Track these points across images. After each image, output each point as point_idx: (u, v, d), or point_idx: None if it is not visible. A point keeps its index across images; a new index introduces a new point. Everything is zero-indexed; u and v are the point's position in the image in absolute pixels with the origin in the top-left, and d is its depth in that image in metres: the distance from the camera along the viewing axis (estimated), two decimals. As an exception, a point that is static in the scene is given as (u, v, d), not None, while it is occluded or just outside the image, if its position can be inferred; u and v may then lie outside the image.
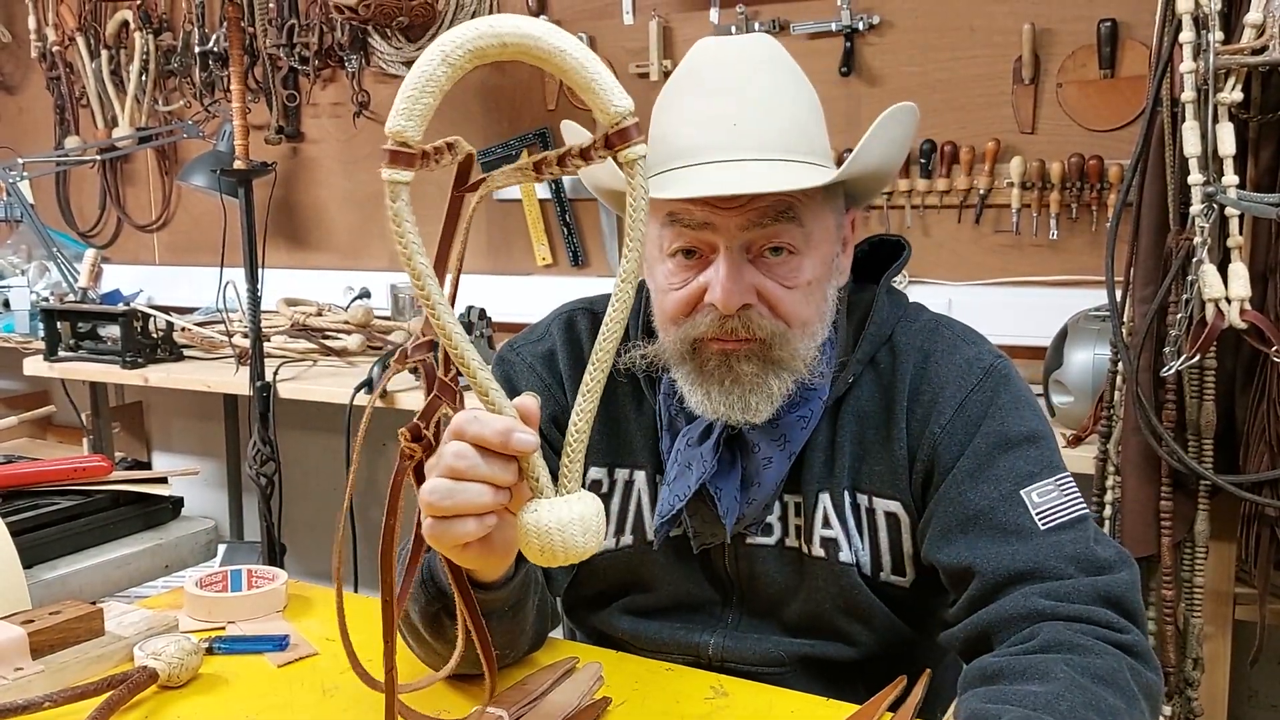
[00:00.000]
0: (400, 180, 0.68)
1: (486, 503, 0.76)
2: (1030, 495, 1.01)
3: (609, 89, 0.69)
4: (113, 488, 1.58)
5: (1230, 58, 1.46)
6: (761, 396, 1.03)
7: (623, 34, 2.58)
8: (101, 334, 2.79)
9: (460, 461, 0.75)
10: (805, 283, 1.03)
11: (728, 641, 1.12)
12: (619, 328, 0.74)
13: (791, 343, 1.03)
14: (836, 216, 1.08)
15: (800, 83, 1.07)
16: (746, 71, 1.03)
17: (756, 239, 1.01)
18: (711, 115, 1.02)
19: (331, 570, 0.85)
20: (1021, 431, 1.04)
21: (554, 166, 0.72)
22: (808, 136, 1.04)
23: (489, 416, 0.75)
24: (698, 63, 1.07)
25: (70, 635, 1.09)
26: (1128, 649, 0.92)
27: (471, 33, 0.67)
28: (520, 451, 0.74)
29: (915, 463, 1.07)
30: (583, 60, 0.69)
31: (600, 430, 1.16)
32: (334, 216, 3.12)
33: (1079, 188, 2.11)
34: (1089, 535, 1.00)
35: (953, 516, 1.02)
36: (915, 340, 1.11)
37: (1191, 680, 1.65)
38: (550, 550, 0.73)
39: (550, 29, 0.69)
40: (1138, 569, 1.01)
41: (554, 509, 0.73)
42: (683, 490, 1.08)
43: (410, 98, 0.68)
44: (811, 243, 1.03)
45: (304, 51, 2.96)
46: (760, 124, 1.01)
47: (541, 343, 1.19)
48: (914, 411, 1.07)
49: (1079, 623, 0.93)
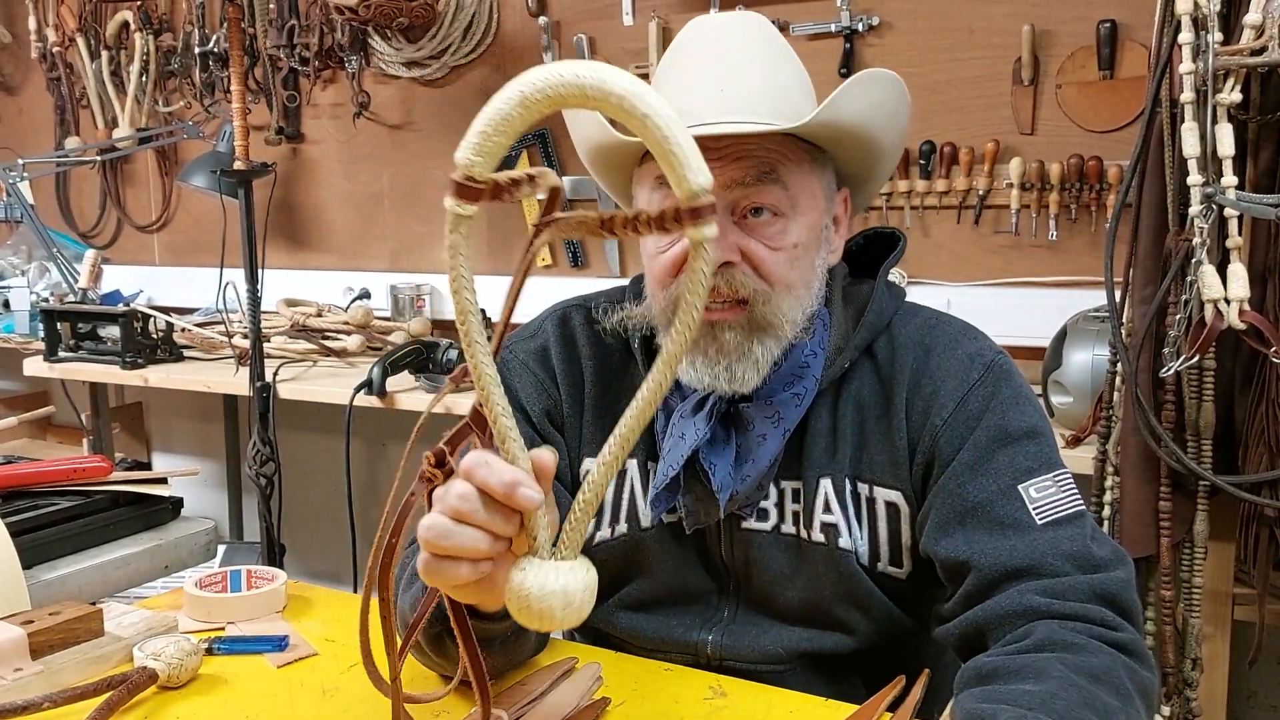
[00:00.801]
0: (463, 214, 0.67)
1: (482, 550, 0.74)
2: (1028, 490, 1.01)
3: (690, 163, 0.65)
4: (112, 488, 1.58)
5: (1229, 59, 1.46)
6: (748, 364, 1.04)
7: (623, 34, 2.59)
8: (101, 334, 2.80)
9: (463, 504, 0.74)
10: (791, 245, 1.04)
11: (726, 639, 1.12)
12: (650, 409, 0.71)
13: (774, 301, 1.04)
14: (825, 186, 1.09)
15: (787, 53, 1.10)
16: (730, 43, 1.06)
17: (739, 198, 1.03)
18: (698, 83, 1.04)
19: (361, 595, 0.84)
20: (1022, 427, 1.05)
21: (620, 227, 0.68)
22: (791, 100, 1.05)
23: (499, 465, 0.73)
24: (687, 38, 1.10)
25: (70, 636, 1.09)
26: (1123, 647, 0.93)
27: (553, 78, 0.64)
28: (522, 508, 0.73)
29: (916, 454, 1.07)
30: (667, 128, 0.64)
31: (593, 422, 1.17)
32: (334, 217, 3.12)
33: (1078, 188, 2.11)
34: (1086, 532, 1.00)
35: (951, 509, 1.03)
36: (916, 334, 1.11)
37: (1190, 681, 1.65)
38: (526, 614, 0.72)
39: (637, 88, 0.64)
40: (1134, 567, 1.01)
41: (541, 574, 0.72)
42: (676, 460, 1.08)
43: (483, 134, 0.65)
44: (798, 207, 1.05)
45: (304, 52, 2.96)
46: (746, 87, 1.03)
47: (534, 339, 1.20)
48: (914, 404, 1.08)
49: (1074, 620, 0.93)
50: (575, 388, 1.18)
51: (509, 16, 2.76)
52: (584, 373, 1.18)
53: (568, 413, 1.18)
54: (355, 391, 2.27)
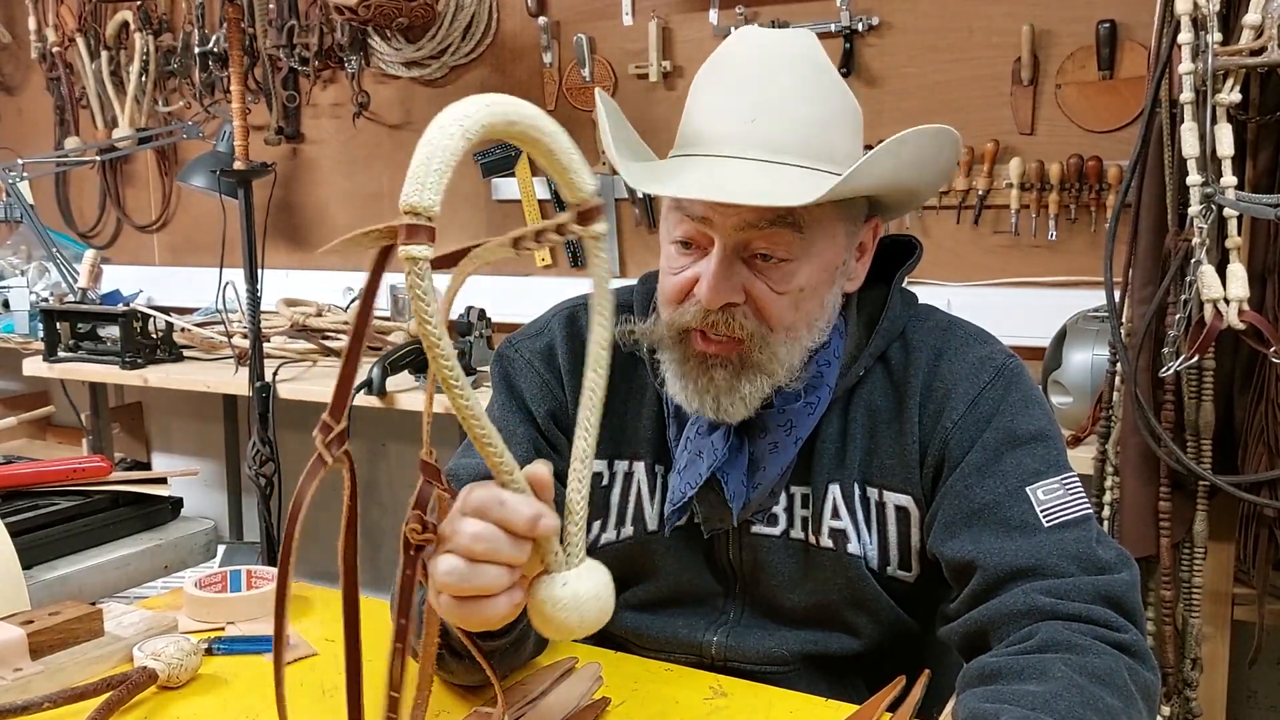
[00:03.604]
0: (421, 256, 0.65)
1: (504, 583, 0.74)
2: (1036, 492, 1.01)
3: (578, 171, 0.73)
4: (112, 488, 1.58)
5: (1229, 59, 1.46)
6: (734, 400, 1.03)
7: (622, 34, 2.58)
8: (101, 334, 2.79)
9: (479, 544, 0.73)
10: (796, 289, 1.02)
11: (730, 640, 1.12)
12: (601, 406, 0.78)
13: (771, 346, 1.03)
14: (849, 224, 1.06)
15: (831, 84, 1.04)
16: (774, 67, 1.01)
17: (751, 239, 1.01)
18: (730, 107, 1.01)
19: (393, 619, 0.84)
20: (1031, 430, 1.05)
21: (531, 240, 0.74)
22: (828, 140, 1.01)
23: (516, 502, 0.73)
24: (729, 50, 1.05)
25: (70, 636, 1.09)
26: (1126, 649, 0.93)
27: (483, 111, 0.67)
28: (545, 537, 0.74)
29: (926, 457, 1.07)
30: (566, 145, 0.73)
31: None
32: (334, 217, 3.12)
33: (1078, 188, 2.11)
34: (1092, 535, 1.00)
35: (958, 509, 1.03)
36: (929, 338, 1.11)
37: (1190, 681, 1.65)
38: (562, 628, 0.74)
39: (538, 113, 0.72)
40: (1138, 570, 1.01)
41: (569, 587, 0.74)
42: (694, 479, 1.08)
43: (425, 168, 0.64)
44: (811, 250, 1.02)
45: (304, 52, 2.96)
46: (777, 122, 0.99)
47: (540, 338, 1.19)
48: (926, 407, 1.08)
49: (1078, 621, 0.93)
50: (581, 389, 1.18)
51: (508, 16, 2.76)
52: None
53: (573, 413, 1.18)
54: (355, 391, 2.27)
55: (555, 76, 2.69)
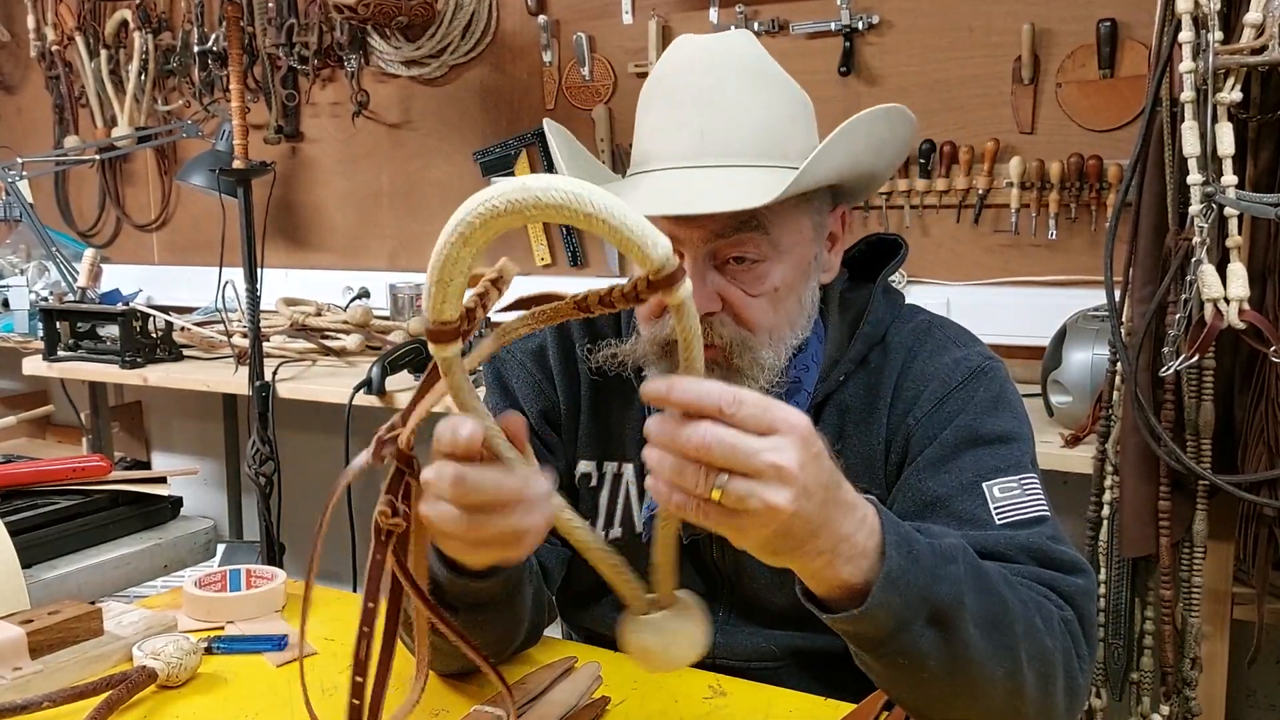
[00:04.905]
0: (450, 355, 0.69)
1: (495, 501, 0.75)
2: (991, 489, 0.99)
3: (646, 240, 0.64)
4: (112, 488, 1.58)
5: (1229, 57, 1.46)
6: None
7: (622, 34, 2.58)
8: (101, 334, 2.79)
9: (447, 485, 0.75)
10: (772, 289, 1.03)
11: (719, 638, 1.12)
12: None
13: (753, 350, 1.04)
14: (815, 217, 1.07)
15: (775, 83, 1.06)
16: (716, 77, 1.03)
17: (720, 248, 1.02)
18: (679, 122, 1.02)
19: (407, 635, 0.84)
20: (995, 431, 1.04)
21: (596, 305, 0.70)
22: (779, 140, 1.03)
23: (488, 474, 0.74)
24: (671, 67, 1.06)
25: (69, 635, 1.09)
26: (1068, 625, 0.90)
27: (486, 209, 0.62)
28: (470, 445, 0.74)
29: (890, 454, 1.08)
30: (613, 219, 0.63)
31: (589, 424, 1.17)
32: (333, 216, 3.12)
33: (1078, 188, 2.11)
34: (1046, 534, 0.98)
35: (911, 502, 1.02)
36: (907, 339, 1.11)
37: (1189, 680, 1.65)
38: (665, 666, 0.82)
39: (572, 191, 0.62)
40: (1095, 581, 0.99)
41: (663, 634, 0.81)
42: None
43: (439, 284, 0.65)
44: (780, 249, 1.03)
45: (303, 51, 2.96)
46: (728, 130, 1.01)
47: (532, 338, 1.20)
48: (895, 406, 1.08)
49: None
50: (572, 389, 1.18)
51: (508, 15, 2.75)
52: (580, 374, 1.18)
53: (565, 414, 1.18)
54: (355, 391, 2.27)
55: (555, 75, 2.69)
